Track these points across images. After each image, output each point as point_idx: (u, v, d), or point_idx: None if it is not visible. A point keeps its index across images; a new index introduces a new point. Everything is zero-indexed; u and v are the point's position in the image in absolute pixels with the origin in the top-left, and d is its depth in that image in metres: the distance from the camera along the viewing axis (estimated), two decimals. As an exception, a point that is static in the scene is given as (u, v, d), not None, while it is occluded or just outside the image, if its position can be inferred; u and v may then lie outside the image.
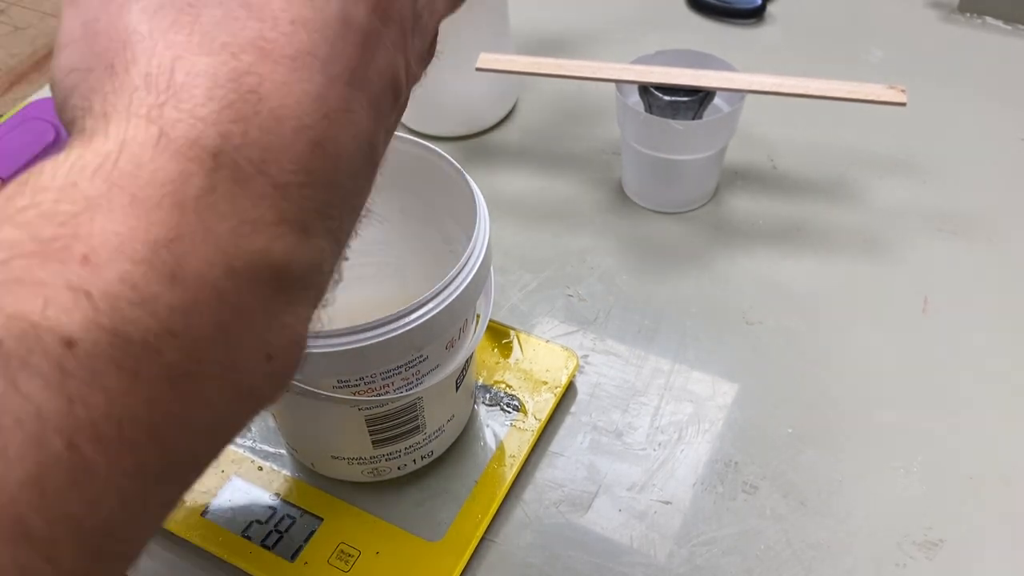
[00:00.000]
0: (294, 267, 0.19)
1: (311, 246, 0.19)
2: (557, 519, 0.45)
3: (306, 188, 0.19)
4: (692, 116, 0.57)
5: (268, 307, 0.19)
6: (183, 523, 0.44)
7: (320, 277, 0.21)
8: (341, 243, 0.21)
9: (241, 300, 0.18)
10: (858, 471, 0.47)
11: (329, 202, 0.20)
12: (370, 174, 0.22)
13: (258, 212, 0.18)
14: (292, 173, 0.19)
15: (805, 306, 0.55)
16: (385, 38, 0.21)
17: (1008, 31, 0.77)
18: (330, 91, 0.19)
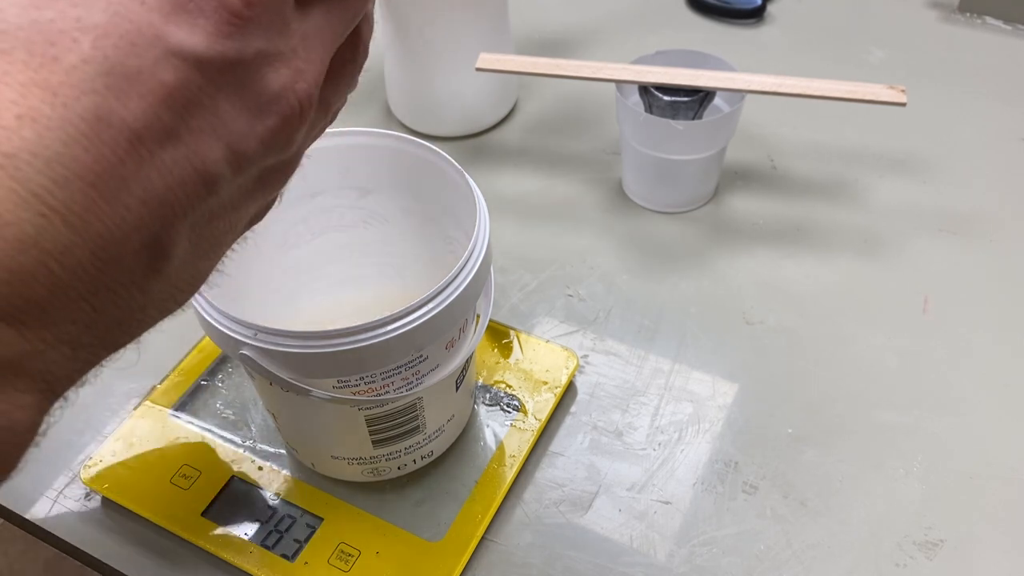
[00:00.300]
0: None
1: (24, 338, 0.19)
2: (557, 519, 0.45)
3: (11, 285, 0.18)
4: (692, 116, 0.57)
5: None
6: (183, 523, 0.44)
7: (43, 364, 0.20)
8: (78, 335, 0.20)
9: None
10: (858, 471, 0.47)
11: (57, 296, 0.19)
12: (134, 268, 0.20)
13: None
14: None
15: (805, 306, 0.55)
16: (177, 133, 0.20)
17: (1008, 31, 0.77)
18: (55, 192, 0.18)
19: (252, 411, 0.49)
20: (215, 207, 0.22)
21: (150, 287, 0.21)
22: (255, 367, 0.36)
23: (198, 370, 0.51)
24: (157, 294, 0.22)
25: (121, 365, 0.52)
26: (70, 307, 0.19)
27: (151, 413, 0.49)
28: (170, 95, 0.19)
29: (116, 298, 0.20)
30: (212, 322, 0.36)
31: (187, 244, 0.22)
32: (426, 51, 0.64)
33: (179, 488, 0.46)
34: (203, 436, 0.48)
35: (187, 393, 0.50)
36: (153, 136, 0.19)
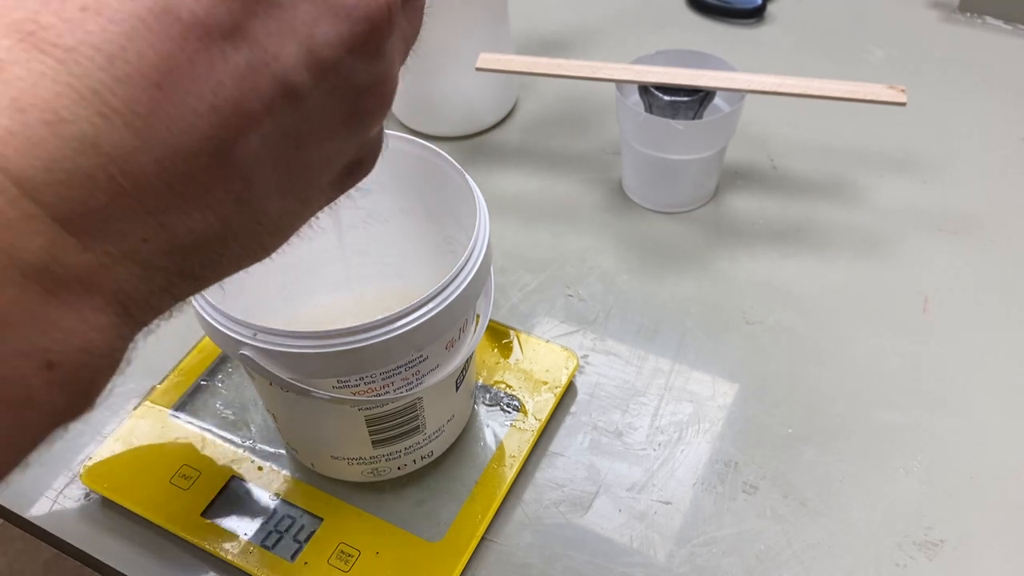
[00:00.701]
0: (60, 267, 0.17)
1: (86, 248, 0.18)
2: (557, 519, 0.45)
3: (70, 188, 0.17)
4: (692, 116, 0.57)
5: (32, 310, 0.17)
6: (183, 523, 0.44)
7: (112, 282, 0.19)
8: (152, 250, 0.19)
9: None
10: (858, 471, 0.47)
11: (118, 205, 0.18)
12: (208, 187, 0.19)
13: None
14: (44, 170, 0.17)
15: (805, 306, 0.55)
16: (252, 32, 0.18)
17: (1008, 31, 0.77)
18: (116, 90, 0.17)
19: (252, 411, 0.49)
20: (299, 125, 0.20)
21: (227, 214, 0.20)
22: (255, 367, 0.36)
23: (198, 370, 0.51)
24: (238, 226, 0.20)
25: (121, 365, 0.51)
26: (135, 221, 0.18)
27: (151, 413, 0.49)
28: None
29: (189, 220, 0.19)
30: (212, 322, 0.36)
31: (268, 168, 0.20)
32: (426, 51, 0.64)
33: (179, 488, 0.46)
34: (203, 436, 0.48)
35: (187, 393, 0.50)
36: (225, 34, 0.18)
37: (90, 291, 0.18)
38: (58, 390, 0.18)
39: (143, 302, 0.20)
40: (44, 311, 0.18)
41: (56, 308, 0.18)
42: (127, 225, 0.18)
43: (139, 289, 0.19)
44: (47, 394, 0.18)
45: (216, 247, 0.20)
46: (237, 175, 0.19)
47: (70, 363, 0.18)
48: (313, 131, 0.21)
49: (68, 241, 0.17)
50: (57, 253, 0.17)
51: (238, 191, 0.20)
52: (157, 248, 0.19)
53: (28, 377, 0.18)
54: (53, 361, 0.18)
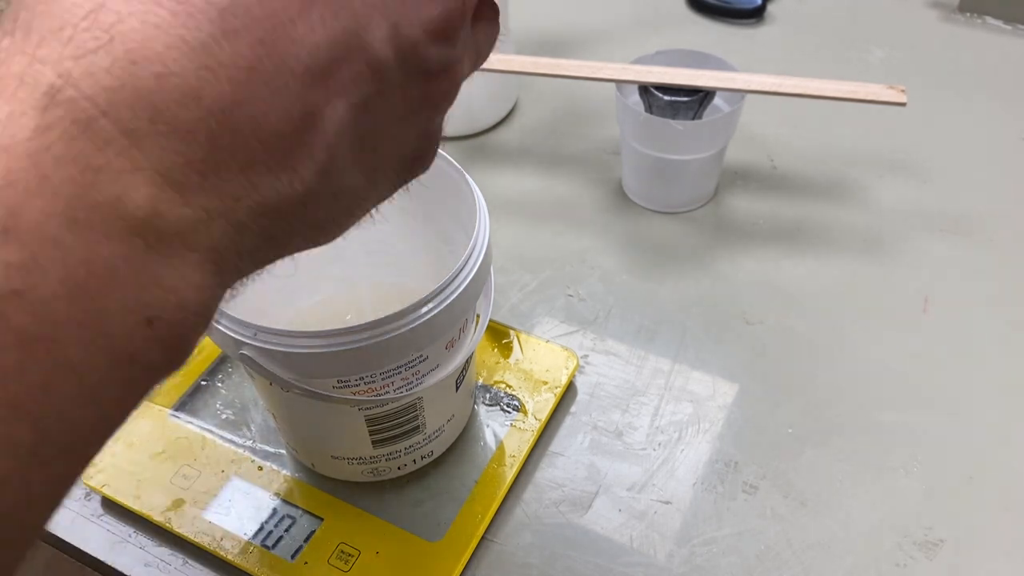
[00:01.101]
0: (162, 221, 0.17)
1: (186, 202, 0.18)
2: (557, 519, 0.45)
3: (172, 140, 0.17)
4: (692, 116, 0.57)
5: (136, 265, 0.17)
6: (184, 523, 0.44)
7: (208, 239, 0.19)
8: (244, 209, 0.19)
9: (93, 254, 0.17)
10: (858, 471, 0.47)
11: (215, 161, 0.18)
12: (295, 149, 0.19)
13: (104, 158, 0.17)
14: (148, 121, 0.17)
15: (805, 306, 0.55)
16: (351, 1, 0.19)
17: (1008, 31, 0.77)
18: (223, 44, 0.17)
19: (252, 411, 0.49)
20: (378, 102, 0.21)
21: (310, 181, 0.20)
22: (255, 367, 0.36)
23: (198, 370, 0.51)
24: (318, 196, 0.21)
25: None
26: (230, 178, 0.18)
27: (151, 413, 0.49)
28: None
29: (276, 182, 0.19)
30: (212, 322, 0.36)
31: (348, 140, 0.20)
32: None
33: (179, 488, 0.46)
34: (203, 436, 0.48)
35: (187, 393, 0.50)
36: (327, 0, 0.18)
37: (189, 247, 0.18)
38: (157, 347, 0.18)
39: (232, 262, 0.20)
40: (146, 267, 0.17)
41: (157, 264, 0.18)
42: (222, 181, 0.18)
43: (230, 248, 0.19)
44: (147, 351, 0.18)
45: (297, 214, 0.20)
46: (323, 141, 0.20)
47: (169, 320, 0.18)
48: (388, 111, 0.21)
49: (170, 195, 0.17)
50: (160, 207, 0.17)
51: (322, 159, 0.20)
52: (247, 208, 0.19)
53: (131, 333, 0.18)
54: (153, 317, 0.18)
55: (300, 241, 0.22)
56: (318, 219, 0.22)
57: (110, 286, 0.17)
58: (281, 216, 0.20)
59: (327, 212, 0.22)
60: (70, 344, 0.17)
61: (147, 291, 0.18)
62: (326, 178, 0.20)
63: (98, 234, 0.17)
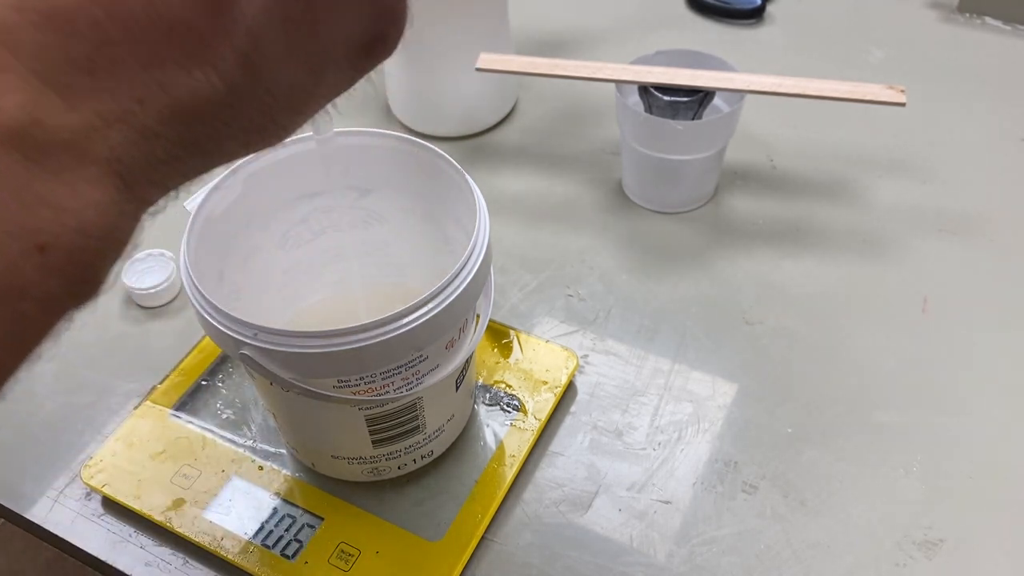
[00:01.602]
0: (42, 131, 0.15)
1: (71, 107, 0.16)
2: (557, 519, 0.45)
3: (47, 33, 0.15)
4: (692, 116, 0.57)
5: (13, 182, 0.15)
6: (183, 523, 0.44)
7: (106, 149, 0.16)
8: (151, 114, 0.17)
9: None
10: (858, 471, 0.47)
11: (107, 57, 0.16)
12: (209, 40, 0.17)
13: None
14: (13, 9, 0.15)
15: (805, 306, 0.55)
16: None
17: (1008, 31, 0.77)
18: None
19: (252, 411, 0.50)
20: None
21: (233, 76, 0.17)
22: (255, 367, 0.36)
23: (198, 370, 0.51)
24: (245, 93, 0.18)
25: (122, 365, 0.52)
26: (128, 75, 0.16)
27: (151, 413, 0.49)
28: None
29: (189, 79, 0.17)
30: (212, 322, 0.36)
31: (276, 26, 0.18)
32: (426, 51, 0.64)
33: (179, 488, 0.46)
34: (203, 436, 0.48)
35: (187, 393, 0.50)
36: None
37: (81, 160, 0.16)
38: (54, 277, 0.16)
39: (144, 175, 0.17)
40: (28, 183, 0.15)
41: (43, 180, 0.15)
42: (119, 81, 0.16)
43: (138, 159, 0.17)
44: (42, 282, 0.16)
45: (223, 116, 0.18)
46: (242, 28, 0.17)
47: (65, 245, 0.16)
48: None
49: (51, 99, 0.15)
50: (38, 113, 0.15)
51: (244, 49, 0.17)
52: (155, 111, 0.17)
53: (18, 263, 0.15)
54: (45, 243, 0.16)
55: (234, 145, 0.19)
56: (253, 120, 0.19)
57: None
58: (202, 119, 0.18)
59: (263, 111, 0.19)
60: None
61: (32, 213, 0.15)
62: (253, 72, 0.18)
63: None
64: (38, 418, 0.50)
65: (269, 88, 0.19)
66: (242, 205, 0.43)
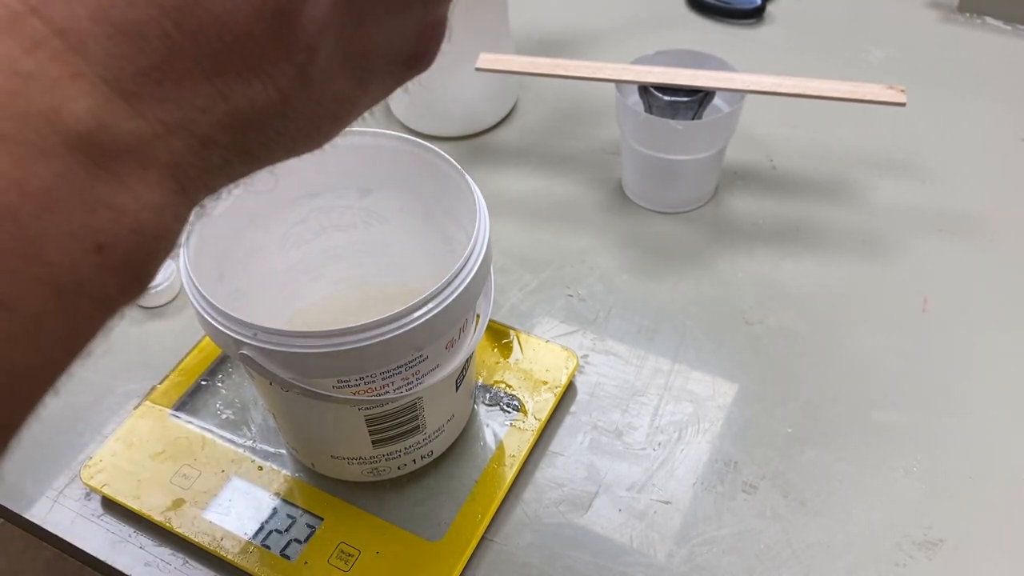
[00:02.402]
0: (110, 136, 0.16)
1: (139, 113, 0.16)
2: (557, 519, 0.45)
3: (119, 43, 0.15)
4: (692, 116, 0.57)
5: (79, 185, 0.15)
6: (183, 523, 0.44)
7: (167, 154, 0.17)
8: (211, 122, 0.17)
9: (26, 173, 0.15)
10: (858, 471, 0.47)
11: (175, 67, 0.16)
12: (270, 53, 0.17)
13: (34, 62, 0.15)
14: (89, 20, 0.15)
15: (805, 306, 0.55)
16: None
17: (1008, 31, 0.77)
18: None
19: (252, 411, 0.49)
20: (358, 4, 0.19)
21: (289, 88, 0.18)
22: (255, 367, 0.36)
23: (198, 370, 0.51)
24: (299, 103, 0.19)
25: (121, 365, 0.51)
26: (193, 86, 0.16)
27: (151, 413, 0.49)
28: None
29: (249, 90, 0.17)
30: (212, 322, 0.36)
31: (333, 41, 0.18)
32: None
33: (179, 488, 0.46)
34: (203, 436, 0.48)
35: (187, 393, 0.50)
36: None
37: (143, 165, 0.16)
38: (111, 275, 0.16)
39: (199, 180, 0.18)
40: (92, 186, 0.16)
41: (106, 183, 0.16)
42: (184, 90, 0.16)
43: (195, 165, 0.18)
44: (99, 280, 0.16)
45: (276, 124, 0.19)
46: (301, 44, 0.18)
47: (122, 245, 0.16)
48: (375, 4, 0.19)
49: (118, 105, 0.16)
50: (106, 119, 0.16)
51: (302, 63, 0.18)
52: (216, 120, 0.17)
53: (78, 262, 0.16)
54: (103, 243, 0.16)
55: (280, 152, 0.20)
56: (301, 128, 0.20)
57: (48, 209, 0.15)
58: (257, 127, 0.18)
59: (310, 120, 0.20)
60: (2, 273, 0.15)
61: (94, 214, 0.16)
62: (307, 84, 0.19)
63: (31, 150, 0.15)
64: (38, 418, 0.50)
65: (319, 99, 0.19)
66: (242, 205, 0.43)
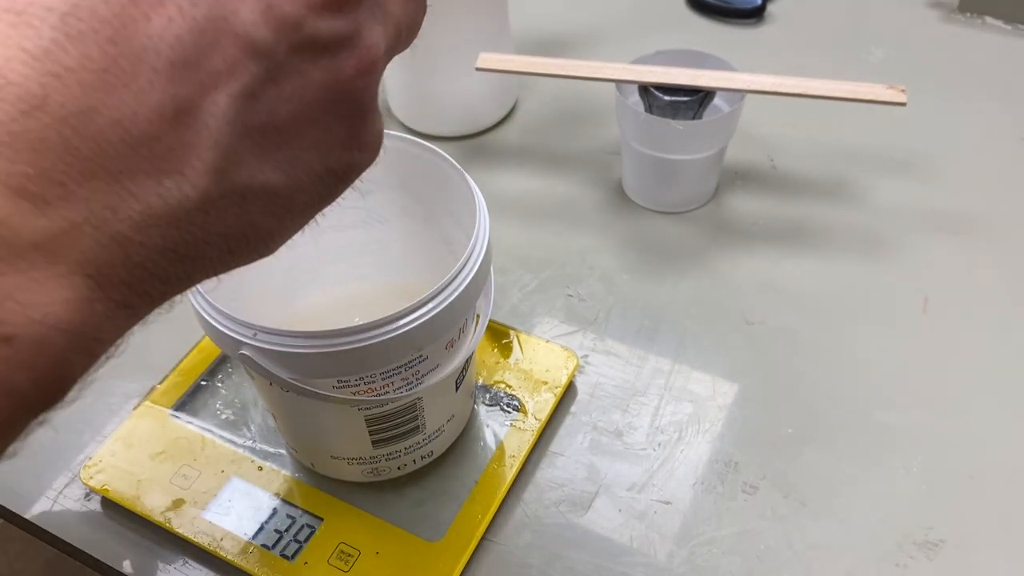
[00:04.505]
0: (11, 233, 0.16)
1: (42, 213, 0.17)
2: (557, 519, 0.45)
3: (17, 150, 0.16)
4: (692, 116, 0.57)
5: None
6: (183, 523, 0.44)
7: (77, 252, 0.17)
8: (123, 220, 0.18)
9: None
10: (858, 471, 0.47)
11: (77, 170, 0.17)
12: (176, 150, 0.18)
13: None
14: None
15: (805, 306, 0.55)
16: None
17: (1008, 31, 0.77)
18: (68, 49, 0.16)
19: (252, 411, 0.49)
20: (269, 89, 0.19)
21: (206, 185, 0.19)
22: (255, 367, 0.36)
23: (198, 370, 0.51)
24: (220, 201, 0.19)
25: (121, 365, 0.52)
26: (97, 185, 0.17)
27: (151, 413, 0.49)
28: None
29: (160, 188, 0.18)
30: (212, 322, 0.36)
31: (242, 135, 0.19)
32: (426, 51, 0.64)
33: (179, 488, 0.46)
34: (203, 436, 0.48)
35: (187, 393, 0.50)
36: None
37: (51, 260, 0.17)
38: (20, 370, 0.17)
39: (118, 277, 0.18)
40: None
41: (10, 277, 0.16)
42: (89, 191, 0.17)
43: (110, 262, 0.18)
44: (7, 372, 0.17)
45: (197, 220, 0.19)
46: (208, 139, 0.18)
47: (30, 337, 0.17)
48: (288, 96, 0.20)
49: (20, 205, 0.16)
50: (8, 218, 0.16)
51: (211, 159, 0.19)
52: (127, 218, 0.18)
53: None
54: (10, 335, 0.16)
55: (216, 252, 0.20)
56: (231, 226, 0.20)
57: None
58: (175, 224, 0.19)
59: (240, 217, 0.20)
60: None
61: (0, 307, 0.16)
62: (223, 179, 0.19)
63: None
64: (38, 418, 0.50)
65: (243, 194, 0.20)
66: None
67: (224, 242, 0.20)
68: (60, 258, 0.17)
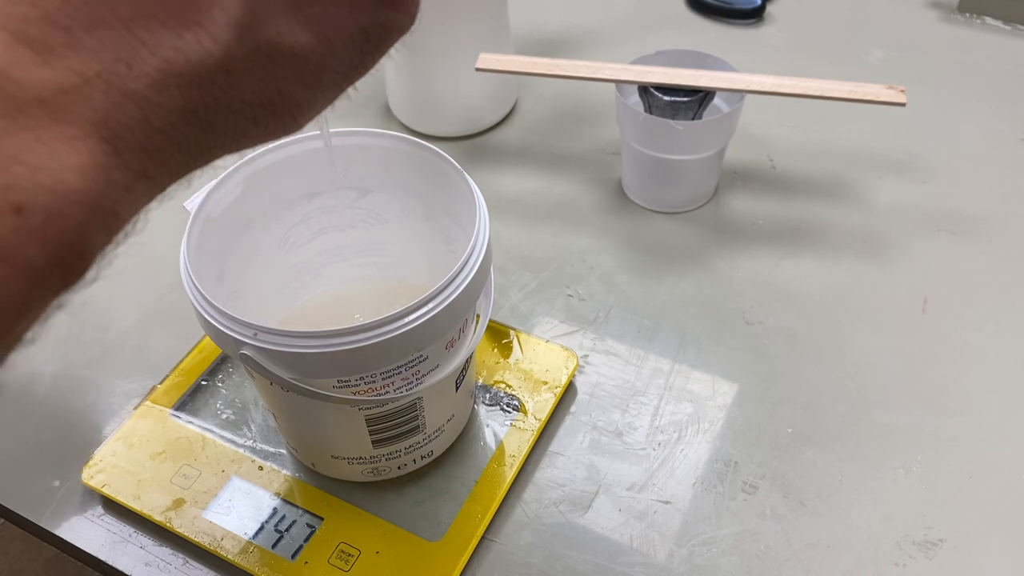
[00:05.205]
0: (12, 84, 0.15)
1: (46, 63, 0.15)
2: (557, 519, 0.45)
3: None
4: (692, 116, 0.57)
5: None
6: (183, 523, 0.44)
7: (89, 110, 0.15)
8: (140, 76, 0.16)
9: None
10: (858, 471, 0.47)
11: (86, 14, 0.15)
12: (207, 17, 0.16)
13: None
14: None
15: (805, 306, 0.55)
16: None
17: (1008, 31, 0.77)
18: None
19: (252, 411, 0.50)
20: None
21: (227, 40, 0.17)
22: (255, 367, 0.36)
23: (198, 370, 0.51)
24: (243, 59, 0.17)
25: (122, 365, 0.51)
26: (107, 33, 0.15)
27: (151, 413, 0.49)
28: None
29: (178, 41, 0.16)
30: (212, 322, 0.36)
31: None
32: (426, 51, 0.64)
33: (179, 488, 0.46)
34: (203, 436, 0.48)
35: (187, 393, 0.50)
36: None
37: (58, 119, 0.15)
38: (33, 241, 0.15)
39: (138, 143, 0.16)
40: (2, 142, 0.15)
41: (14, 135, 0.15)
42: (98, 40, 0.15)
43: (128, 125, 0.16)
44: (19, 245, 0.15)
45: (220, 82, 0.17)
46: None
47: (42, 206, 0.15)
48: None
49: (21, 53, 0.15)
50: (8, 68, 0.15)
51: (234, 10, 0.17)
52: (144, 74, 0.16)
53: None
54: (21, 203, 0.15)
55: (242, 122, 0.18)
56: (256, 92, 0.18)
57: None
58: (197, 85, 0.17)
59: (266, 81, 0.18)
60: None
61: (5, 170, 0.14)
62: (247, 34, 0.17)
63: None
64: (38, 418, 0.50)
65: (270, 54, 0.18)
66: (242, 205, 0.43)
67: (249, 110, 0.19)
68: (70, 117, 0.15)
